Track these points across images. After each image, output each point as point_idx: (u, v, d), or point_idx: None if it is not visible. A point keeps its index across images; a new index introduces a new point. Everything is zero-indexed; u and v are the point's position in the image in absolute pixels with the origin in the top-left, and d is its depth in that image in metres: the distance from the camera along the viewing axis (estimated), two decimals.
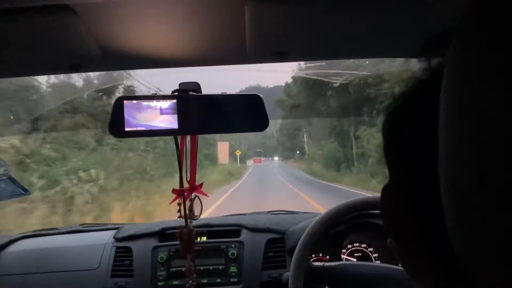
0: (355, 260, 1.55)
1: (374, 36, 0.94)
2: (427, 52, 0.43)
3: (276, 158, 77.47)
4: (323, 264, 1.20)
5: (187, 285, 1.11)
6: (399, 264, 1.42)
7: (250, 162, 48.80)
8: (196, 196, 1.04)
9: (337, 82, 17.23)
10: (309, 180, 24.14)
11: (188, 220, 1.04)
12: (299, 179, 24.46)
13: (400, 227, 0.45)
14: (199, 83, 1.03)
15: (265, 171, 37.46)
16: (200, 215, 1.04)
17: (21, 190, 1.64)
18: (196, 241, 1.09)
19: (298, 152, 63.18)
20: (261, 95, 1.05)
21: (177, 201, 1.04)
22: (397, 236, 0.46)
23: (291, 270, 1.16)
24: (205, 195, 1.04)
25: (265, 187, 18.24)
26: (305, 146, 51.06)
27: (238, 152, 41.81)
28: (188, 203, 1.03)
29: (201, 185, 1.04)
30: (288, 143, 67.35)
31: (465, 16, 0.28)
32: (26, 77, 8.29)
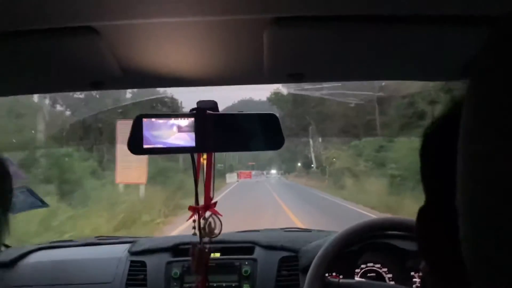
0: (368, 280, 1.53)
1: (388, 59, 0.95)
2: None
3: (273, 172, 62.97)
4: (339, 280, 1.19)
5: None
6: (415, 286, 1.41)
7: (232, 178, 32.29)
8: (211, 214, 1.05)
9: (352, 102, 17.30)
10: None
11: (204, 238, 1.05)
12: None
13: (435, 252, 0.44)
14: (215, 101, 1.04)
15: (258, 197, 19.81)
16: (219, 233, 1.05)
17: (39, 202, 1.68)
18: (209, 257, 1.09)
19: (300, 164, 51.84)
20: (276, 114, 1.06)
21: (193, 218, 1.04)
22: (431, 261, 0.46)
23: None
24: (219, 214, 1.05)
25: None
26: (311, 155, 39.69)
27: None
28: (202, 221, 1.04)
29: (215, 203, 1.05)
30: (287, 153, 54.59)
31: (483, 50, 0.29)
32: None
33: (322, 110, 29.12)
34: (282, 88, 29.94)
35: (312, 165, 41.34)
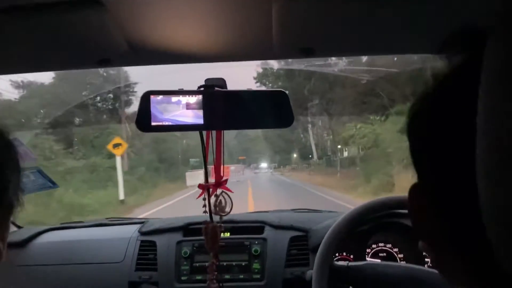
0: (379, 260, 1.52)
1: (403, 32, 0.92)
2: (447, 49, 0.41)
3: (263, 165, 48.35)
4: (348, 263, 1.18)
5: (208, 281, 1.11)
6: (427, 266, 1.39)
7: (195, 178, 20.15)
8: (222, 191, 1.04)
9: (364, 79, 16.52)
10: None
11: (215, 216, 1.04)
12: None
13: (429, 228, 0.43)
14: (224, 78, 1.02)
15: None
16: (230, 211, 1.04)
17: (50, 183, 1.69)
18: (221, 236, 1.09)
19: (296, 155, 43.60)
20: (286, 92, 1.04)
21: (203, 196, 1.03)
22: (427, 237, 0.45)
23: (314, 267, 1.14)
24: (230, 191, 1.04)
25: None
26: (311, 142, 33.34)
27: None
28: (213, 198, 1.03)
29: (226, 181, 1.04)
30: (281, 142, 44.30)
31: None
32: None
33: (327, 77, 23.15)
34: (272, 63, 26.07)
35: (311, 156, 34.84)
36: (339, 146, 26.37)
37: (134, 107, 22.96)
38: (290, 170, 39.97)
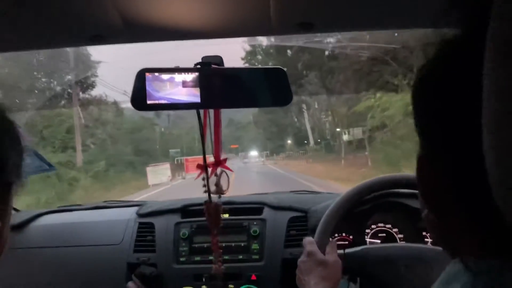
0: (379, 241, 1.52)
1: (405, 5, 0.90)
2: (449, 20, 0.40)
3: (253, 154, 42.02)
4: (344, 251, 1.17)
5: (214, 260, 1.11)
6: (426, 243, 1.39)
7: (160, 174, 18.62)
8: (222, 171, 1.02)
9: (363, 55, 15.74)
10: None
11: (216, 195, 1.03)
12: None
13: (439, 197, 0.43)
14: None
15: None
16: (227, 189, 1.03)
17: (46, 166, 1.67)
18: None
19: (290, 141, 39.75)
20: (284, 69, 1.02)
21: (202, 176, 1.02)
22: (435, 207, 0.45)
23: (319, 224, 1.15)
24: (230, 170, 1.03)
25: None
26: (307, 126, 30.19)
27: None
28: (214, 178, 1.02)
29: (225, 159, 1.03)
30: (273, 128, 39.73)
31: None
32: None
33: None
34: (261, 39, 22.85)
35: (306, 141, 31.92)
36: (338, 129, 23.34)
37: (95, 91, 20.14)
38: (284, 158, 36.02)
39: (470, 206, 0.39)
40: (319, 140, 29.44)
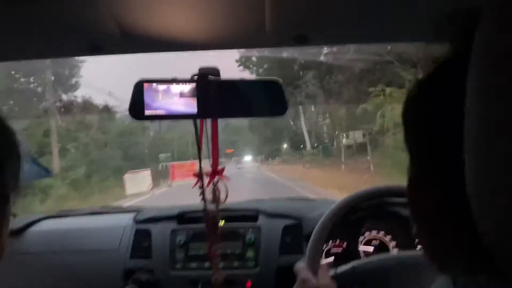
0: (372, 249, 1.54)
1: (400, 20, 0.92)
2: (441, 36, 0.43)
3: (247, 159, 41.13)
4: (334, 271, 1.17)
5: (213, 269, 1.11)
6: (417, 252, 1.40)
7: (140, 182, 16.03)
8: (219, 180, 1.04)
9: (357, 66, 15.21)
10: None
11: (213, 204, 1.04)
12: None
13: (428, 215, 0.44)
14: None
15: None
16: (225, 199, 1.04)
17: (44, 172, 1.68)
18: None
19: (286, 145, 38.37)
20: (280, 80, 1.04)
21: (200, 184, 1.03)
22: (425, 224, 0.46)
23: (306, 253, 1.14)
24: (228, 179, 1.04)
25: None
26: (302, 129, 29.14)
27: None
28: (211, 187, 1.03)
29: (223, 169, 1.04)
30: (268, 131, 38.84)
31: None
32: None
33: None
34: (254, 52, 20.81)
35: (302, 145, 30.76)
36: (336, 132, 22.21)
37: (78, 92, 19.21)
38: (280, 163, 34.82)
39: (458, 223, 0.39)
40: (316, 144, 28.71)
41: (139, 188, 15.58)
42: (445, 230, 0.42)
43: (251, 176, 21.93)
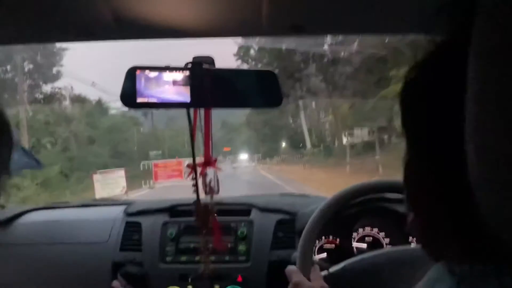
0: (365, 245, 1.53)
1: (399, 10, 0.91)
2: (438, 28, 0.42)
3: (243, 157, 39.78)
4: (327, 272, 1.15)
5: (202, 262, 1.10)
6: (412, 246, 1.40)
7: (106, 185, 13.21)
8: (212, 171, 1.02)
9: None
10: None
11: (206, 196, 1.03)
12: None
13: (424, 201, 0.43)
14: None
15: None
16: (218, 190, 1.02)
17: (34, 162, 1.66)
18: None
19: (284, 143, 36.77)
20: (275, 71, 1.02)
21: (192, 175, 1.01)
22: (421, 211, 0.45)
23: (298, 248, 1.13)
24: (220, 170, 1.03)
25: None
26: (302, 127, 27.92)
27: None
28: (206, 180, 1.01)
29: (215, 160, 1.02)
30: (266, 130, 37.16)
31: None
32: None
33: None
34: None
35: (301, 144, 29.50)
36: (340, 129, 20.50)
37: (59, 83, 18.32)
38: (279, 163, 32.59)
39: (455, 210, 0.39)
40: (316, 143, 27.54)
41: (111, 190, 13.51)
42: (442, 216, 0.41)
43: (247, 178, 20.31)
